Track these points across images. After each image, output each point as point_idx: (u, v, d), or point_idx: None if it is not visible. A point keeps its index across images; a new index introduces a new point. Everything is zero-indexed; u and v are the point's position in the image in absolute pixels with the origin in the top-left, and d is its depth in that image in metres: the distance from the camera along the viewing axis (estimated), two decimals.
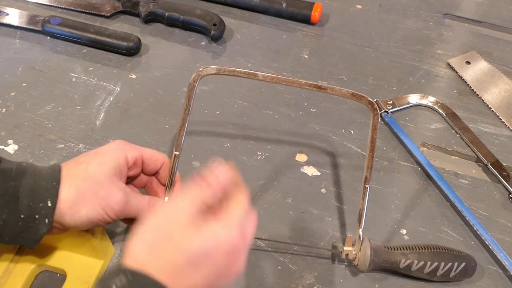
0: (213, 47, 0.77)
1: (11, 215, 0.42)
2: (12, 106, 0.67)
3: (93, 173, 0.44)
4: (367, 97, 0.50)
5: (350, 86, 0.72)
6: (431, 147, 0.66)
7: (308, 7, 0.80)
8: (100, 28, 0.75)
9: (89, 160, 0.45)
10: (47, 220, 0.42)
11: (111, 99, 0.69)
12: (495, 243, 0.56)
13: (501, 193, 0.62)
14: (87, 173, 0.44)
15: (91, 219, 0.44)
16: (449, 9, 0.85)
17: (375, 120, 0.50)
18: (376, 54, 0.77)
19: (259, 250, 0.55)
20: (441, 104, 0.70)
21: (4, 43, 0.75)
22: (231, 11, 0.83)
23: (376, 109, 0.50)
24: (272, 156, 0.64)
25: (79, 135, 0.64)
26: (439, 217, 0.59)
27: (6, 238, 0.43)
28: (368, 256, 0.50)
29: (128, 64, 0.74)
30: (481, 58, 0.77)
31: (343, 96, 0.51)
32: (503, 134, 0.68)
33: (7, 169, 0.43)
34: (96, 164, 0.45)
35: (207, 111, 0.68)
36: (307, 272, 0.54)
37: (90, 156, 0.46)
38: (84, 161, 0.46)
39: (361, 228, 0.52)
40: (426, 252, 0.51)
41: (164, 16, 0.78)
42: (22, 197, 0.42)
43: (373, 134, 0.50)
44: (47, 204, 0.42)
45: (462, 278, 0.53)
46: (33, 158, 0.62)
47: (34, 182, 0.43)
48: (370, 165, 0.51)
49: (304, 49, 0.77)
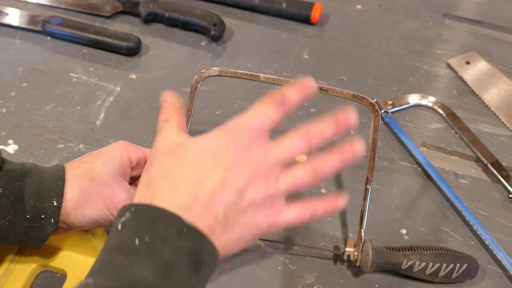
0: (213, 47, 0.77)
1: (17, 216, 0.42)
2: (12, 106, 0.67)
3: (97, 173, 0.44)
4: (368, 98, 0.51)
5: (350, 86, 0.72)
6: (431, 147, 0.66)
7: (308, 7, 0.80)
8: (100, 28, 0.75)
9: (93, 161, 0.46)
10: (53, 220, 0.43)
11: (111, 99, 0.69)
12: (494, 243, 0.56)
13: (501, 193, 0.62)
14: (92, 173, 0.44)
15: (96, 218, 0.44)
16: (449, 9, 0.85)
17: (376, 121, 0.50)
18: (376, 54, 0.77)
19: (259, 250, 0.55)
20: (441, 104, 0.70)
21: (4, 43, 0.76)
22: (231, 11, 0.83)
23: (377, 110, 0.50)
24: None
25: (79, 135, 0.65)
26: (439, 217, 0.59)
27: (12, 238, 0.43)
28: (370, 257, 0.50)
29: (128, 64, 0.74)
30: (481, 58, 0.77)
31: (344, 97, 0.51)
32: (503, 134, 0.68)
33: (12, 170, 0.43)
34: (100, 164, 0.45)
35: (207, 111, 0.68)
36: (307, 272, 0.54)
37: (94, 157, 0.46)
38: (88, 161, 0.46)
39: (363, 229, 0.52)
40: (428, 253, 0.51)
41: (164, 16, 0.78)
42: (27, 197, 0.42)
43: (374, 135, 0.50)
44: (53, 203, 0.42)
45: (464, 279, 0.53)
46: (33, 158, 0.62)
47: (39, 182, 0.43)
48: (371, 166, 0.51)
49: (304, 49, 0.78)
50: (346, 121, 0.38)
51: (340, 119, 0.38)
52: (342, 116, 0.38)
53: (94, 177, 0.44)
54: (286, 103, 0.37)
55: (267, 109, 0.37)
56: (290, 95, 0.37)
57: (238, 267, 0.54)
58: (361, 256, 0.51)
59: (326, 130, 0.38)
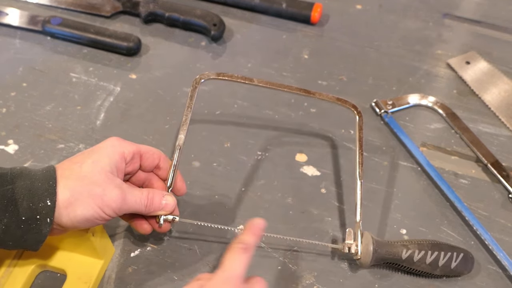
0: (213, 47, 0.77)
1: (12, 218, 0.42)
2: (12, 106, 0.67)
3: (87, 172, 0.44)
4: (350, 102, 0.59)
5: (350, 86, 0.73)
6: (431, 147, 0.66)
7: (308, 7, 0.80)
8: (100, 28, 0.75)
9: (83, 160, 0.45)
10: (48, 220, 0.42)
11: (111, 99, 0.69)
12: (494, 243, 0.56)
13: (500, 193, 0.62)
14: (81, 173, 0.44)
15: (88, 218, 0.44)
16: (449, 9, 0.85)
17: (360, 122, 0.59)
18: (376, 54, 0.77)
19: (259, 250, 0.55)
20: (441, 104, 0.70)
21: (4, 43, 0.76)
22: (231, 11, 0.83)
23: (360, 112, 0.59)
24: (272, 156, 0.64)
25: (79, 135, 0.65)
26: (439, 217, 0.59)
27: (9, 242, 0.43)
28: (371, 247, 0.51)
29: (128, 64, 0.74)
30: (481, 58, 0.77)
31: (329, 101, 0.59)
32: (503, 134, 0.68)
33: (2, 174, 0.43)
34: (90, 162, 0.45)
35: (207, 111, 0.68)
36: (307, 272, 0.54)
37: (84, 156, 0.46)
38: (78, 161, 0.45)
39: (360, 221, 0.53)
40: (425, 243, 0.52)
41: (164, 16, 0.78)
42: (21, 200, 0.42)
43: (359, 134, 0.58)
44: (47, 203, 0.42)
45: (463, 270, 0.53)
46: (33, 158, 0.62)
47: (30, 183, 0.43)
48: (361, 161, 0.56)
49: (304, 49, 0.78)
50: (259, 227, 0.46)
51: (254, 228, 0.45)
52: (255, 225, 0.46)
53: (83, 177, 0.44)
54: (249, 248, 0.43)
55: (238, 258, 0.43)
56: (249, 240, 0.44)
57: None
58: (362, 248, 0.51)
59: (251, 239, 0.44)
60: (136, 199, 0.46)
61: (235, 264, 0.42)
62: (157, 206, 0.48)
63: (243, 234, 0.45)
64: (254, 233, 0.45)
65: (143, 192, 0.48)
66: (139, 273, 0.53)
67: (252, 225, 0.46)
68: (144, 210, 0.48)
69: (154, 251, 0.54)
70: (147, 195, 0.48)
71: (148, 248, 0.55)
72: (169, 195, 0.49)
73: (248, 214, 0.58)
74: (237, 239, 0.44)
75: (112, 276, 0.52)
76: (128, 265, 0.53)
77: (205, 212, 0.58)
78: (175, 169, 0.51)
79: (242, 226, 0.57)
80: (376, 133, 0.67)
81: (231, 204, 0.59)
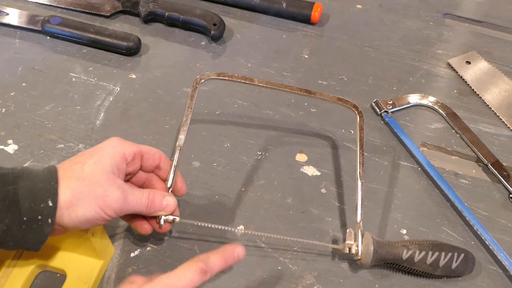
0: (213, 47, 0.77)
1: (14, 219, 0.42)
2: (12, 106, 0.67)
3: (88, 172, 0.44)
4: (351, 102, 0.59)
5: (350, 86, 0.72)
6: (431, 147, 0.66)
7: (308, 7, 0.80)
8: (100, 28, 0.75)
9: (84, 160, 0.45)
10: (50, 220, 0.42)
11: (111, 99, 0.69)
12: (495, 243, 0.56)
13: (501, 193, 0.62)
14: (83, 173, 0.44)
15: (89, 218, 0.44)
16: (449, 9, 0.85)
17: (361, 122, 0.58)
18: (376, 54, 0.77)
19: (259, 250, 0.55)
20: (441, 104, 0.70)
21: (4, 43, 0.75)
22: (231, 11, 0.83)
23: (361, 112, 0.59)
24: (272, 156, 0.64)
25: (79, 135, 0.64)
26: (439, 217, 0.59)
27: (11, 242, 0.43)
28: (371, 248, 0.51)
29: (128, 64, 0.74)
30: (481, 58, 0.77)
31: (330, 101, 0.59)
32: (503, 134, 0.68)
33: (4, 174, 0.43)
34: (91, 163, 0.45)
35: (207, 111, 0.68)
36: (307, 272, 0.54)
37: (86, 156, 0.46)
38: (79, 161, 0.45)
39: (360, 222, 0.52)
40: (426, 243, 0.52)
41: (164, 16, 0.78)
42: (22, 200, 0.42)
43: (360, 134, 0.58)
44: (48, 203, 0.42)
45: (464, 270, 0.53)
46: (33, 158, 0.62)
47: (32, 183, 0.43)
48: (361, 161, 0.56)
49: (304, 49, 0.77)
50: (235, 255, 0.43)
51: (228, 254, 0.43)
52: (231, 251, 0.43)
53: (85, 177, 0.44)
54: (208, 271, 0.41)
55: (190, 274, 0.40)
56: (213, 264, 0.42)
57: (238, 267, 0.54)
58: (362, 248, 0.51)
59: (218, 264, 0.42)
60: (137, 200, 0.46)
61: (184, 278, 0.40)
62: (158, 207, 0.48)
63: (214, 254, 0.42)
64: (225, 259, 0.43)
65: (144, 192, 0.47)
66: (139, 273, 0.53)
67: (228, 249, 0.43)
68: (145, 210, 0.48)
69: (154, 251, 0.54)
70: (148, 195, 0.47)
71: (148, 248, 0.55)
72: (170, 196, 0.49)
73: (248, 214, 0.58)
74: (204, 256, 0.42)
75: (112, 276, 0.52)
76: (128, 265, 0.53)
77: (205, 212, 0.58)
78: (176, 169, 0.51)
79: (242, 226, 0.57)
80: (376, 133, 0.67)
81: (231, 204, 0.59)
